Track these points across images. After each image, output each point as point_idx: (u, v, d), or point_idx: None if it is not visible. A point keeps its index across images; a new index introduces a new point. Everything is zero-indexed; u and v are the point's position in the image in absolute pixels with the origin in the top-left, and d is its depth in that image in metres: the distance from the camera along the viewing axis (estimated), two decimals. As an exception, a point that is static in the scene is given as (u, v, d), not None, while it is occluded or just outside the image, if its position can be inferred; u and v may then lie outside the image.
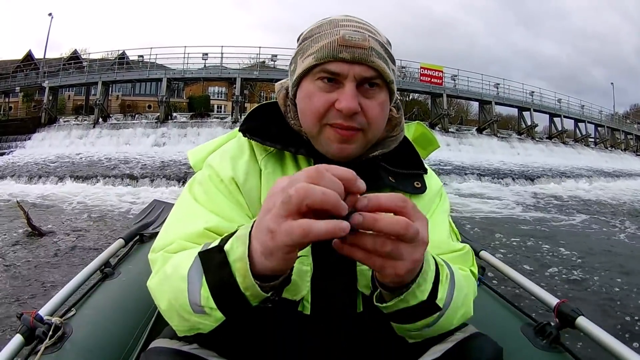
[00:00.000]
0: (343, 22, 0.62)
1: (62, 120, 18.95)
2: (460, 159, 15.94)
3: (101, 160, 13.48)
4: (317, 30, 0.63)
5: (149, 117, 18.71)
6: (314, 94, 0.61)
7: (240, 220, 0.61)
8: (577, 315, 0.94)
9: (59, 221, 5.78)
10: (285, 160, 0.68)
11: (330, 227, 0.39)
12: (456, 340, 0.62)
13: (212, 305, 0.49)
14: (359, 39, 0.60)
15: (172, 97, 20.98)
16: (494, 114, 21.46)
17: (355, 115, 0.60)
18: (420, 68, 20.88)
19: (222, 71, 19.52)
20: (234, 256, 0.47)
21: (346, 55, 0.59)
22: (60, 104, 22.98)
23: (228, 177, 0.65)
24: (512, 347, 0.90)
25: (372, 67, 0.60)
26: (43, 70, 21.04)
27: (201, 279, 0.49)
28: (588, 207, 9.09)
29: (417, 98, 29.23)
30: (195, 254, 0.52)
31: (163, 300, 0.55)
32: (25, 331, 0.84)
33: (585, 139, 25.14)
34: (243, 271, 0.46)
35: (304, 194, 0.39)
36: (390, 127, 0.70)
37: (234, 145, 0.70)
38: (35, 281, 3.25)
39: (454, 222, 0.84)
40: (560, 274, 3.74)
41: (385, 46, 0.63)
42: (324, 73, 0.60)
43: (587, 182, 15.05)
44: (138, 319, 1.05)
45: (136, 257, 1.41)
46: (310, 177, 0.40)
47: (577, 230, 6.15)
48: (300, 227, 0.39)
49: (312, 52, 0.61)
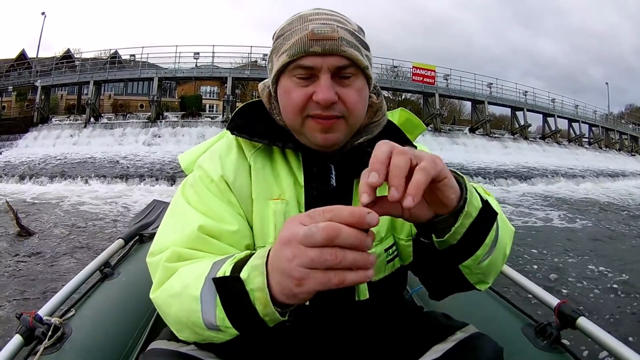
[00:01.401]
0: (312, 16, 0.64)
1: (54, 119, 18.95)
2: (452, 159, 15.91)
3: (92, 159, 13.51)
4: (288, 28, 0.65)
5: (140, 117, 18.70)
6: (292, 90, 0.63)
7: (231, 219, 0.63)
8: (577, 316, 0.94)
9: (48, 221, 5.79)
10: (274, 155, 0.69)
11: (362, 277, 0.41)
12: (456, 340, 0.63)
13: (228, 325, 0.51)
14: (328, 31, 0.61)
15: (164, 97, 21.02)
16: (487, 114, 21.44)
17: (334, 105, 0.62)
18: (413, 67, 20.86)
19: (214, 70, 19.50)
20: (251, 285, 0.48)
21: (317, 48, 0.60)
22: (53, 103, 22.95)
23: (218, 176, 0.66)
24: (513, 348, 0.91)
25: (344, 57, 0.61)
26: (36, 70, 21.02)
27: (215, 301, 0.51)
28: (582, 206, 9.08)
29: (409, 98, 29.23)
30: (203, 272, 0.53)
31: (171, 315, 0.57)
32: (24, 331, 0.84)
33: (579, 139, 25.11)
34: (263, 300, 0.47)
35: (338, 263, 0.40)
36: (372, 113, 0.71)
37: (222, 145, 0.72)
38: (18, 281, 3.25)
39: None
40: (559, 274, 3.73)
41: (356, 34, 0.64)
42: (299, 68, 0.62)
43: (581, 182, 15.03)
44: (137, 319, 1.06)
45: (136, 258, 1.41)
46: (330, 239, 0.40)
47: (571, 230, 6.13)
48: (337, 278, 0.40)
49: (285, 49, 0.63)
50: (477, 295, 1.16)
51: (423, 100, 21.69)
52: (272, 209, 0.65)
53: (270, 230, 0.65)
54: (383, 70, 21.11)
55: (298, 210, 0.66)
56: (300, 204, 0.66)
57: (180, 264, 0.58)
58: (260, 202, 0.66)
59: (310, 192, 0.66)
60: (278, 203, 0.65)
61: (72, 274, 3.33)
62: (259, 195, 0.66)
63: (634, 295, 3.18)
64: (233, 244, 0.62)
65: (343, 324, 0.66)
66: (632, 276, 3.64)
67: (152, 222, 1.70)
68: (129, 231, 1.56)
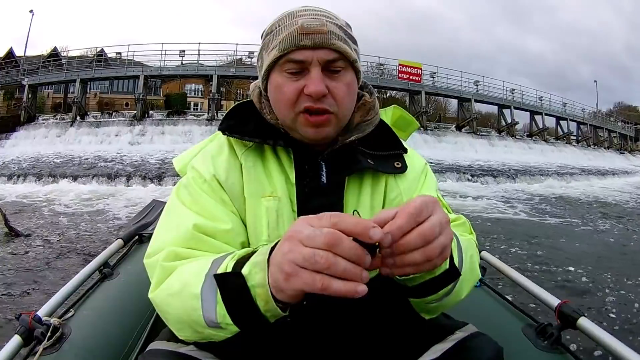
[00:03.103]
0: (301, 12, 0.66)
1: (40, 118, 18.83)
2: (439, 157, 15.86)
3: (79, 158, 13.40)
4: (277, 24, 0.66)
5: (126, 115, 18.61)
6: (283, 84, 0.64)
7: (225, 218, 0.65)
8: (578, 316, 0.94)
9: (37, 222, 5.70)
10: (266, 153, 0.70)
11: (350, 289, 0.41)
12: (456, 339, 0.63)
13: (229, 322, 0.52)
14: (317, 25, 0.63)
15: (149, 95, 20.91)
16: (473, 112, 21.47)
17: (324, 97, 0.63)
18: (399, 65, 20.87)
19: (199, 68, 19.41)
20: (253, 281, 0.49)
21: (307, 42, 0.62)
22: (40, 102, 22.86)
23: (210, 176, 0.67)
24: (513, 348, 0.91)
25: (333, 50, 0.63)
26: (23, 68, 20.95)
27: (215, 298, 0.52)
28: (569, 205, 8.95)
29: (394, 95, 29.26)
30: (203, 269, 0.54)
31: (171, 313, 0.58)
32: (23, 332, 0.83)
33: (567, 136, 25.15)
34: (265, 297, 0.48)
35: (327, 267, 0.41)
36: (365, 112, 0.72)
37: (214, 146, 0.73)
38: (15, 281, 3.22)
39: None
40: (553, 273, 3.67)
41: (344, 28, 0.66)
42: (290, 63, 0.63)
43: (569, 180, 14.94)
44: (137, 320, 1.05)
45: (135, 258, 1.39)
46: (329, 245, 0.41)
47: (560, 228, 6.04)
48: (322, 281, 0.41)
49: (275, 44, 0.64)
50: (477, 295, 1.18)
51: (409, 97, 21.70)
52: (264, 207, 0.66)
53: (263, 228, 0.66)
54: (369, 67, 21.12)
55: (290, 207, 0.67)
56: (292, 201, 0.67)
57: (178, 262, 0.59)
58: (253, 200, 0.67)
59: (302, 189, 0.67)
60: (270, 200, 0.66)
61: (63, 274, 3.39)
62: (251, 193, 0.67)
63: (635, 295, 3.14)
64: (228, 242, 0.63)
65: (342, 323, 0.66)
66: (632, 275, 3.57)
67: (151, 222, 1.69)
68: (128, 231, 1.55)
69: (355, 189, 0.69)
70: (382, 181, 0.71)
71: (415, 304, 0.61)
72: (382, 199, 0.71)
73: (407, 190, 0.71)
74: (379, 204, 0.70)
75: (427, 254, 0.45)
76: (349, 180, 0.69)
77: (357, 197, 0.69)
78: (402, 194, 0.71)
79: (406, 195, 0.71)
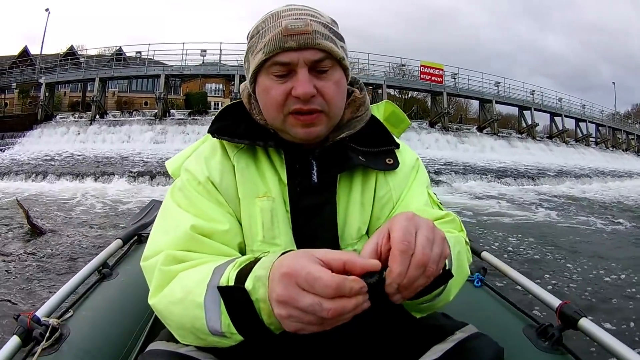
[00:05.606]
0: (284, 12, 0.64)
1: (58, 116, 18.81)
2: (460, 158, 15.86)
3: (99, 157, 13.38)
4: (262, 26, 0.65)
5: (146, 114, 18.57)
6: (271, 87, 0.63)
7: (222, 218, 0.64)
8: (579, 317, 0.93)
9: (58, 219, 5.67)
10: (258, 154, 0.70)
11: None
12: (456, 340, 0.63)
13: (234, 331, 0.51)
14: (302, 25, 0.61)
15: (169, 94, 20.82)
16: (495, 113, 21.38)
17: (313, 98, 0.62)
18: (421, 66, 20.79)
19: (221, 68, 19.44)
20: (256, 295, 0.49)
21: (292, 43, 0.61)
22: (57, 101, 22.81)
23: (204, 178, 0.67)
24: (514, 349, 0.91)
25: (319, 49, 0.62)
26: (39, 67, 20.86)
27: (219, 308, 0.51)
28: (590, 207, 8.97)
29: (416, 96, 29.18)
30: (205, 278, 0.53)
31: (173, 320, 0.57)
32: (22, 332, 0.83)
33: (586, 138, 25.08)
34: (268, 311, 0.48)
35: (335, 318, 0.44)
36: (355, 108, 0.71)
37: (207, 147, 0.72)
38: (34, 281, 3.14)
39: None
40: (563, 274, 3.64)
41: (330, 26, 0.65)
42: (276, 65, 0.62)
43: (589, 182, 14.96)
44: (136, 320, 1.05)
45: (134, 258, 1.39)
46: (336, 291, 0.43)
47: (579, 231, 6.03)
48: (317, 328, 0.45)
49: (260, 47, 0.63)
50: (477, 296, 1.20)
51: (431, 98, 21.63)
52: (259, 207, 0.66)
53: (258, 228, 0.66)
54: (390, 68, 21.02)
55: (284, 207, 0.67)
56: (285, 201, 0.67)
57: (177, 266, 0.58)
58: (247, 201, 0.67)
59: (294, 188, 0.68)
60: (264, 200, 0.66)
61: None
62: (246, 194, 0.67)
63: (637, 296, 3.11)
64: (226, 243, 0.63)
65: (342, 325, 0.61)
66: (638, 277, 3.55)
67: (150, 222, 1.64)
68: (127, 231, 1.53)
69: (346, 186, 0.70)
70: (372, 178, 0.71)
71: (407, 304, 0.61)
72: (372, 195, 0.71)
73: (397, 187, 0.72)
74: (369, 201, 0.70)
75: (428, 274, 0.47)
76: (341, 177, 0.69)
77: (348, 194, 0.69)
78: (392, 191, 0.71)
79: (395, 192, 0.71)
